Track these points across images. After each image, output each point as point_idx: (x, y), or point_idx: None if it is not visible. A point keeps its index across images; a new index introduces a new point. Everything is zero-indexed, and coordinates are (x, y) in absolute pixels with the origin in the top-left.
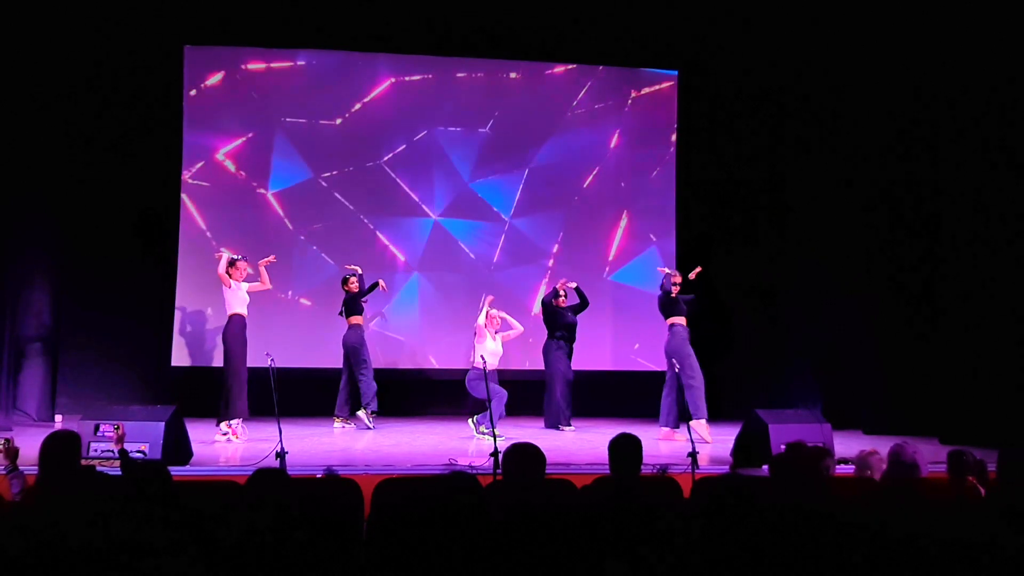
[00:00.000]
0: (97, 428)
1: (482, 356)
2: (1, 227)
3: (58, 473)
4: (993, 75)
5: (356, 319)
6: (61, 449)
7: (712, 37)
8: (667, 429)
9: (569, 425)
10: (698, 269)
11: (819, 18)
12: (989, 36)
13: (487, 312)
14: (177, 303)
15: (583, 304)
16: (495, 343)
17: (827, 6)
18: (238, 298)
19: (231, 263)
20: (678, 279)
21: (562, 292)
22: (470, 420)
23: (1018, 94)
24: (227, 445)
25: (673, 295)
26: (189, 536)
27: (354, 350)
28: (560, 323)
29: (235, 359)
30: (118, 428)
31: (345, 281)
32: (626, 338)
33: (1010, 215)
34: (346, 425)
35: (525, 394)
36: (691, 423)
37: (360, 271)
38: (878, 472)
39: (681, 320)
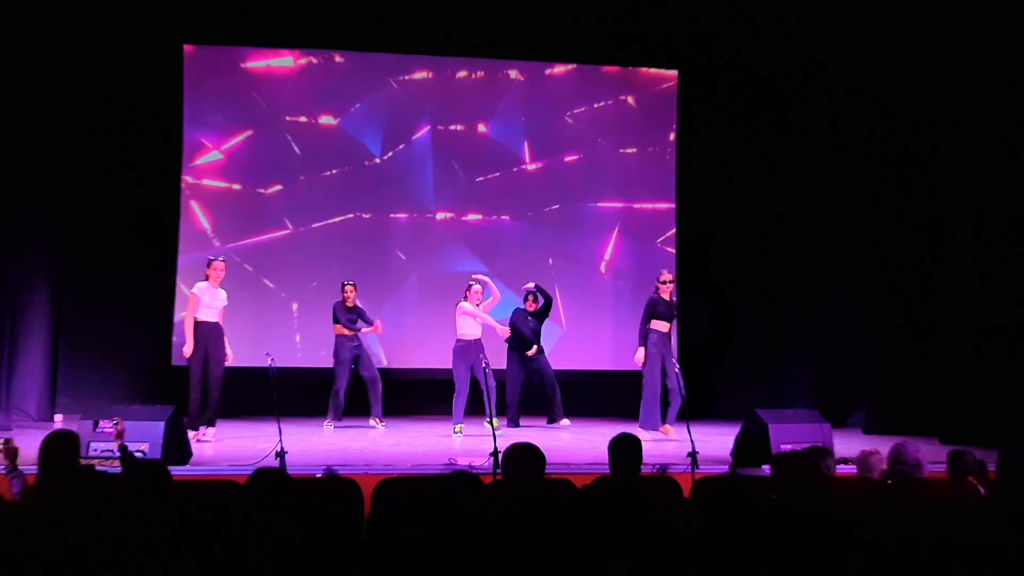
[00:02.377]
0: (96, 424)
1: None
2: (1, 227)
3: (57, 473)
4: (993, 75)
5: (337, 328)
6: (60, 449)
7: (712, 37)
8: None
9: (516, 425)
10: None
11: (819, 18)
12: (989, 35)
13: (471, 290)
14: (177, 303)
15: (547, 304)
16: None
17: (827, 6)
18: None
19: (208, 264)
20: (665, 277)
21: (530, 297)
22: (486, 423)
23: (1019, 93)
24: (226, 445)
25: (664, 296)
26: (189, 536)
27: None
28: (521, 333)
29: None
30: (117, 424)
31: (342, 288)
32: (626, 338)
33: (1010, 214)
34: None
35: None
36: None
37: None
38: (879, 472)
39: (656, 324)
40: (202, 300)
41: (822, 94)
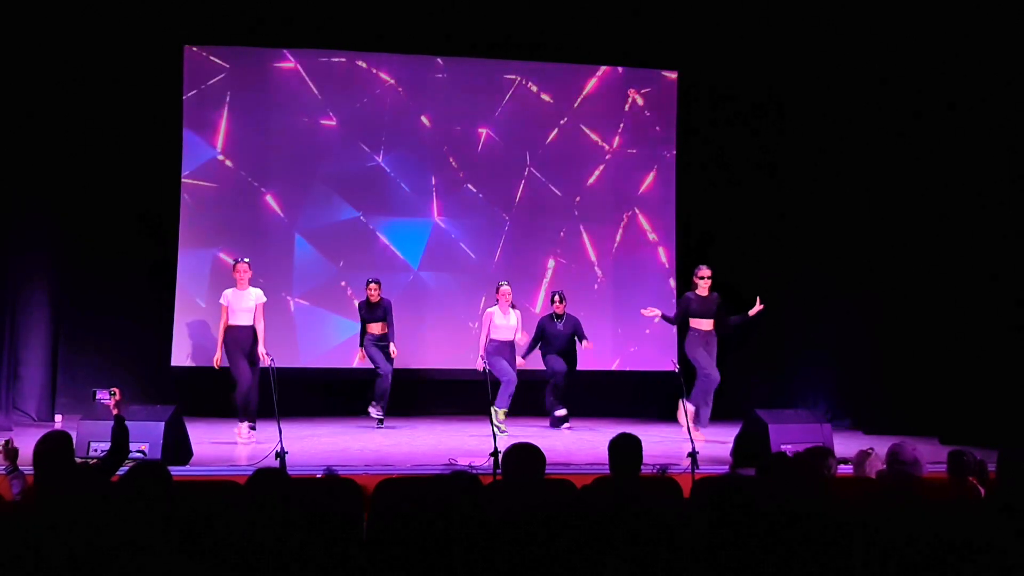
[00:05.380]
0: (94, 395)
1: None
2: (1, 227)
3: (53, 474)
4: (993, 75)
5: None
6: (55, 449)
7: (712, 37)
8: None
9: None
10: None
11: (820, 17)
12: (989, 36)
13: (499, 291)
14: (177, 303)
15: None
16: (505, 318)
17: (829, 6)
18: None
19: (233, 267)
20: (702, 273)
21: (556, 297)
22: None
23: (1019, 93)
24: (226, 445)
25: (701, 293)
26: (189, 536)
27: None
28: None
29: None
30: (114, 394)
31: (367, 285)
32: (626, 338)
33: (1011, 214)
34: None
35: (525, 394)
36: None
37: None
38: (876, 472)
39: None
40: (230, 307)
41: (822, 93)
